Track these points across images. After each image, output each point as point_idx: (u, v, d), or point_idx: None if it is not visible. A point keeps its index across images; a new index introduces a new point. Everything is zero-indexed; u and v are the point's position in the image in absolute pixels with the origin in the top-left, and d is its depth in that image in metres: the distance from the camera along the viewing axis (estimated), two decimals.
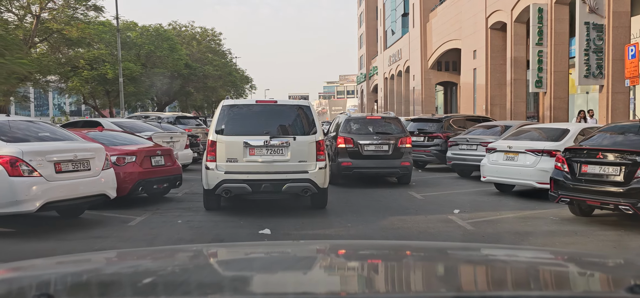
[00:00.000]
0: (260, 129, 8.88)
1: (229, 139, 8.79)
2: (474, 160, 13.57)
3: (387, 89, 64.13)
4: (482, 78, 33.99)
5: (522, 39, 29.35)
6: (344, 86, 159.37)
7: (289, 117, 9.24)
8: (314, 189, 8.92)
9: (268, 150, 8.78)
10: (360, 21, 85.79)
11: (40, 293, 1.49)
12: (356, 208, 9.96)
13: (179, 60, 36.96)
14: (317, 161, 8.96)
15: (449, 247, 3.02)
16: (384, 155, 12.46)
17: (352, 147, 12.41)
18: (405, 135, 12.70)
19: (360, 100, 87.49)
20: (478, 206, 10.08)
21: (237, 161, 8.75)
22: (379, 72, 69.62)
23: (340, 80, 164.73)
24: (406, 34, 54.07)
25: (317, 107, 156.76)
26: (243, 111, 9.23)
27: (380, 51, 68.64)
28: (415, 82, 50.49)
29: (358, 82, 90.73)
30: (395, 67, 59.09)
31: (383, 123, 12.94)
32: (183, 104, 53.08)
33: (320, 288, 1.70)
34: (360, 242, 4.87)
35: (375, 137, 12.50)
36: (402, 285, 1.82)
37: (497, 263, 2.10)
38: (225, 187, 8.71)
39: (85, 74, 30.95)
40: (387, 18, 63.88)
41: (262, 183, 8.72)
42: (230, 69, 48.91)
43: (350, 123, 12.79)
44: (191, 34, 47.21)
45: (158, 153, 9.65)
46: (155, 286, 1.66)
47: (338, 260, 2.19)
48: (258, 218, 8.72)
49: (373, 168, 12.49)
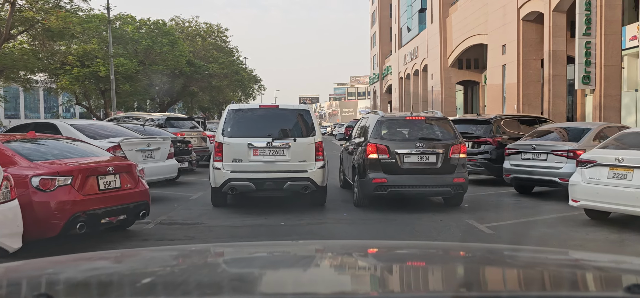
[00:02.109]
0: (263, 131, 9.45)
1: (235, 140, 9.38)
2: (545, 174, 10.39)
3: (402, 89, 61.17)
4: (512, 75, 30.74)
5: (561, 31, 26.12)
6: (355, 87, 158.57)
7: (290, 121, 9.80)
8: (313, 187, 9.48)
9: (270, 151, 9.38)
10: (372, 19, 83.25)
11: (39, 293, 1.49)
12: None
13: (180, 57, 33.86)
14: (316, 161, 9.51)
15: (449, 247, 2.92)
16: (430, 168, 9.25)
17: (387, 158, 9.20)
18: (458, 141, 9.45)
19: (373, 101, 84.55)
20: (590, 246, 6.91)
21: (242, 161, 9.36)
22: (393, 71, 66.80)
23: (351, 82, 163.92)
24: (423, 31, 51.23)
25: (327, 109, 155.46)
26: (247, 115, 9.78)
27: (394, 50, 65.87)
28: (434, 82, 47.46)
29: (371, 83, 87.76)
30: (411, 66, 56.25)
31: (428, 126, 9.71)
32: (188, 105, 49.96)
33: (320, 288, 1.66)
34: (360, 242, 4.52)
35: (418, 145, 9.28)
36: (402, 285, 1.81)
37: (496, 263, 2.05)
38: (231, 185, 9.36)
39: (76, 71, 28.00)
40: (402, 15, 61.09)
41: (265, 181, 9.38)
42: (237, 67, 45.69)
43: (384, 126, 9.58)
44: (195, 29, 44.09)
45: (110, 170, 6.53)
46: (155, 286, 1.65)
47: (338, 260, 2.16)
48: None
49: (416, 186, 9.26)
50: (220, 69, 40.17)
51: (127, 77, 30.00)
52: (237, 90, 50.73)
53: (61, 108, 46.82)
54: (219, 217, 9.10)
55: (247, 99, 60.68)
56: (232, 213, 9.40)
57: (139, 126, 13.81)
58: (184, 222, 8.72)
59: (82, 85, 29.98)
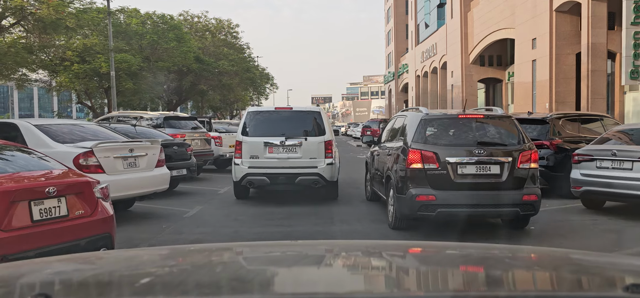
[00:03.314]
0: (278, 131, 10.21)
1: (252, 139, 10.19)
2: (632, 188, 8.15)
3: (420, 88, 58.90)
4: (544, 71, 28.43)
5: (601, 21, 23.81)
6: (368, 87, 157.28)
7: (302, 121, 10.45)
8: (322, 182, 10.18)
9: (284, 148, 10.14)
10: (387, 16, 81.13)
11: (38, 293, 1.49)
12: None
13: (188, 52, 31.81)
14: (325, 158, 10.19)
15: (449, 247, 2.69)
16: (492, 182, 7.06)
17: (436, 168, 7.03)
18: (527, 146, 7.26)
19: (388, 101, 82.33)
20: None
21: (258, 158, 10.13)
22: (409, 69, 64.55)
23: (364, 81, 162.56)
24: (442, 27, 49.01)
25: (340, 109, 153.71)
26: (264, 116, 10.72)
27: (411, 47, 63.66)
28: (454, 79, 45.21)
29: (385, 82, 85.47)
30: (429, 64, 54.04)
31: (487, 126, 7.48)
32: (198, 104, 47.94)
33: (319, 288, 1.65)
34: (360, 242, 4.28)
35: (476, 151, 7.08)
36: (402, 285, 1.79)
37: (495, 263, 2.01)
38: (249, 179, 10.20)
39: (76, 67, 26.08)
40: (419, 11, 58.93)
41: (279, 176, 10.14)
42: (248, 64, 43.57)
43: (430, 126, 7.36)
44: (204, 25, 42.08)
45: (50, 192, 4.43)
46: (154, 286, 1.64)
47: (337, 260, 2.15)
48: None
49: (474, 206, 7.08)
50: (231, 66, 38.12)
51: (130, 74, 28.03)
52: (248, 89, 48.69)
53: (57, 107, 44.67)
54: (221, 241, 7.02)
55: (258, 97, 58.64)
56: (238, 238, 7.36)
57: (130, 127, 11.79)
58: None
59: (83, 83, 28.11)
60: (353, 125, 63.34)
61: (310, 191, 10.89)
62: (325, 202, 10.48)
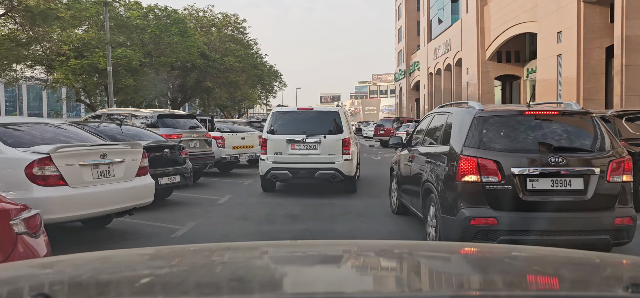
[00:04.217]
0: (300, 129, 11.26)
1: (277, 137, 11.26)
2: None
3: (432, 86, 57.06)
4: (570, 67, 26.57)
5: (637, 12, 21.92)
6: (377, 85, 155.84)
7: (322, 121, 11.50)
8: (340, 176, 11.13)
9: (304, 145, 11.17)
10: (398, 13, 79.35)
11: (37, 293, 1.47)
12: None
13: (191, 47, 30.13)
14: (343, 154, 11.13)
15: (449, 247, 2.83)
16: (574, 201, 5.30)
17: (498, 182, 5.23)
18: (618, 153, 5.48)
19: (399, 99, 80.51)
20: None
21: (281, 154, 11.19)
22: (421, 67, 62.70)
23: (373, 80, 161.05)
24: (457, 22, 47.18)
25: (349, 108, 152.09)
26: (288, 116, 11.71)
27: (423, 44, 61.78)
28: (470, 76, 43.38)
29: (396, 80, 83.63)
30: (442, 60, 52.23)
31: (563, 126, 5.73)
32: (204, 102, 46.28)
33: (318, 288, 1.61)
34: (360, 241, 4.17)
35: (552, 159, 5.35)
36: (402, 285, 1.76)
37: (496, 263, 1.98)
38: (273, 173, 11.26)
39: (73, 63, 24.51)
40: (432, 6, 57.05)
41: (300, 170, 11.17)
42: (255, 60, 41.84)
43: (488, 126, 5.63)
44: (210, 20, 40.41)
45: None
46: (153, 286, 1.61)
47: (336, 260, 2.11)
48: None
49: (551, 233, 5.30)
50: (237, 62, 36.42)
51: (130, 70, 26.42)
52: (256, 86, 46.99)
53: (47, 106, 42.82)
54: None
55: (267, 95, 56.89)
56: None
57: (115, 126, 10.13)
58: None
59: (81, 80, 26.53)
60: (364, 123, 61.68)
61: (329, 208, 9.62)
62: (344, 217, 8.85)
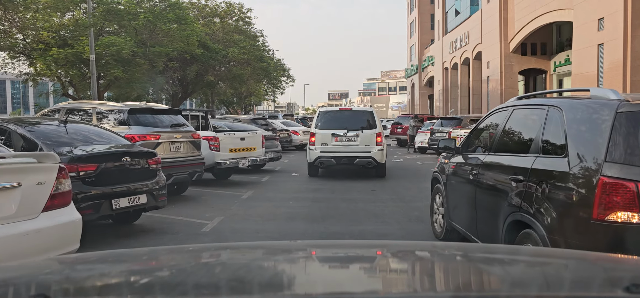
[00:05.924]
0: (342, 125, 14.11)
1: (323, 131, 14.14)
2: None
3: (448, 81, 53.97)
4: (614, 57, 23.58)
5: None
6: (386, 82, 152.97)
7: (359, 118, 14.39)
8: (374, 163, 13.98)
9: (346, 138, 13.97)
10: (410, 6, 76.40)
11: (37, 293, 1.47)
12: None
13: (190, 36, 27.15)
14: (377, 145, 13.99)
15: (449, 247, 2.79)
16: None
17: None
18: None
19: (411, 95, 77.47)
20: None
21: (327, 145, 14.04)
22: (435, 62, 59.60)
23: (382, 77, 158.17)
24: (476, 13, 44.11)
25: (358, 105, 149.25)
26: (331, 114, 14.63)
27: (437, 37, 58.72)
28: (491, 71, 40.29)
29: (407, 75, 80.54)
30: (459, 54, 49.14)
31: None
32: (208, 97, 43.34)
33: (318, 288, 1.61)
34: (359, 241, 4.43)
35: None
36: (401, 285, 1.75)
37: (496, 263, 2.00)
38: (320, 160, 14.05)
39: (54, 52, 21.67)
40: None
41: (342, 158, 13.90)
42: (260, 53, 38.83)
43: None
44: (213, 9, 37.49)
45: None
46: (153, 286, 1.61)
47: (336, 260, 2.10)
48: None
49: None
50: (241, 54, 33.47)
51: (120, 60, 23.53)
52: (262, 81, 44.02)
53: (33, 99, 39.94)
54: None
55: (273, 91, 53.88)
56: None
57: (57, 126, 7.21)
58: None
59: (64, 70, 23.67)
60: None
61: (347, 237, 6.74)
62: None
